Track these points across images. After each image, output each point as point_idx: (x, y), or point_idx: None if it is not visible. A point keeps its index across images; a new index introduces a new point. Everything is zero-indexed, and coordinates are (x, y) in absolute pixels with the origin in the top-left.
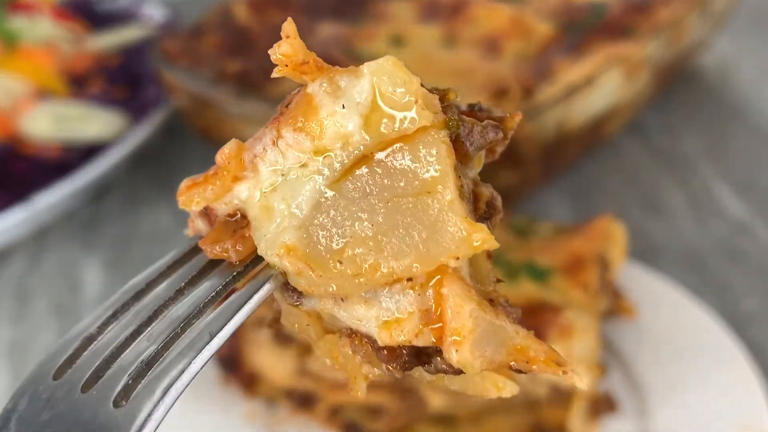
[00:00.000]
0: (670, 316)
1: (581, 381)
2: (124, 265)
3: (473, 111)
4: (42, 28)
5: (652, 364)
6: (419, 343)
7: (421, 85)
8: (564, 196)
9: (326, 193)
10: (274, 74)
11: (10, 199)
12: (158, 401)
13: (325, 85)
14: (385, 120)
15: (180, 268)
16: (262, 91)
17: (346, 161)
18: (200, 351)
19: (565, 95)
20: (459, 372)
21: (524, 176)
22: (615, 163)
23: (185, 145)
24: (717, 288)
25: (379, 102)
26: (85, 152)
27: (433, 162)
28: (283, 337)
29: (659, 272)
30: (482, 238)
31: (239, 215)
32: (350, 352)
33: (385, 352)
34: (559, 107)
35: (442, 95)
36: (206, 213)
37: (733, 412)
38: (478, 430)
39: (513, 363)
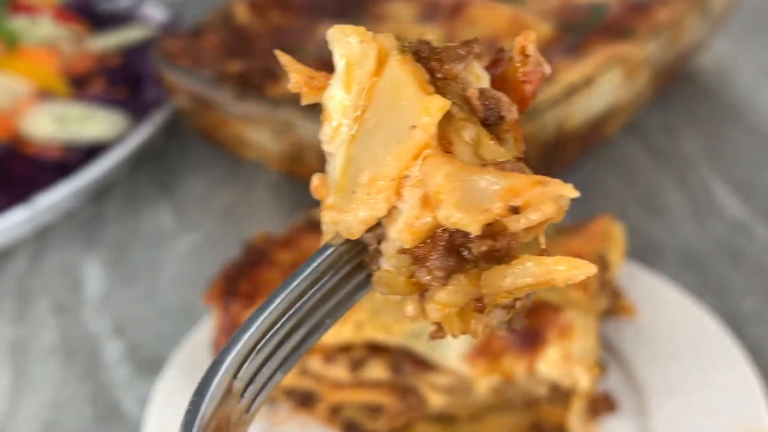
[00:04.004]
0: (670, 316)
1: (570, 189)
2: (125, 265)
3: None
4: (43, 29)
5: (652, 363)
6: (420, 223)
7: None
8: None
9: (348, 152)
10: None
11: (12, 199)
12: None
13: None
14: (355, 71)
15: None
16: (263, 91)
17: (352, 121)
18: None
19: (565, 95)
20: (500, 250)
21: None
22: (615, 163)
23: (186, 145)
24: (716, 288)
25: (347, 60)
26: (86, 152)
27: (393, 76)
28: None
29: (658, 272)
30: (432, 104)
31: None
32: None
33: (417, 254)
34: (559, 107)
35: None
36: None
37: (732, 412)
38: (477, 429)
39: (509, 205)
